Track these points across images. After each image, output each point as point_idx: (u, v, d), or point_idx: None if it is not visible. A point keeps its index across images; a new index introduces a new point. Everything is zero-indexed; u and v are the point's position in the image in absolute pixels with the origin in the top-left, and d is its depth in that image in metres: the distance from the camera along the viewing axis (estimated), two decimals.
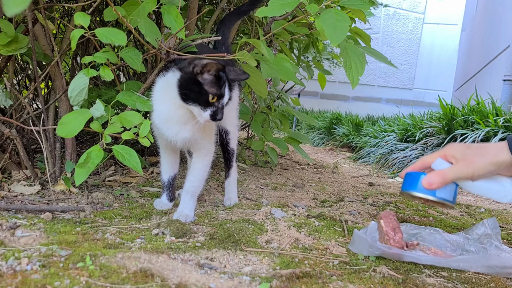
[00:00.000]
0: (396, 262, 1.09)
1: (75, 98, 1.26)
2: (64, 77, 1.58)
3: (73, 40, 1.18)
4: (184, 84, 1.21)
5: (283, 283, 0.90)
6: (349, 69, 1.35)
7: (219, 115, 1.21)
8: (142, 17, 1.28)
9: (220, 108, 1.21)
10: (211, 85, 1.19)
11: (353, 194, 2.00)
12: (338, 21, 1.16)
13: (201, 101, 1.19)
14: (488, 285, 0.99)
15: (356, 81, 1.36)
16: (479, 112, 2.83)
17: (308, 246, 1.17)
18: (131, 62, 1.32)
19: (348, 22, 1.17)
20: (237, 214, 1.43)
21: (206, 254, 1.04)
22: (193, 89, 1.19)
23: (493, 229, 1.21)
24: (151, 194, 1.61)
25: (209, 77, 1.19)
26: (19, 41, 1.37)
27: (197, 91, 1.19)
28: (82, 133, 2.32)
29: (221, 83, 1.20)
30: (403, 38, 8.12)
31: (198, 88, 1.19)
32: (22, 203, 1.33)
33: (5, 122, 1.53)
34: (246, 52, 1.29)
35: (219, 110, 1.21)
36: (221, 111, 1.21)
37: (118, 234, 1.13)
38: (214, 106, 1.20)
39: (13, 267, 0.84)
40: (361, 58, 1.36)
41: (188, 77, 1.20)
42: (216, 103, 1.20)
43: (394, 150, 3.25)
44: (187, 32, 1.44)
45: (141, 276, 0.85)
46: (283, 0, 1.20)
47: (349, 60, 1.35)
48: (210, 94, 1.18)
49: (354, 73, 1.36)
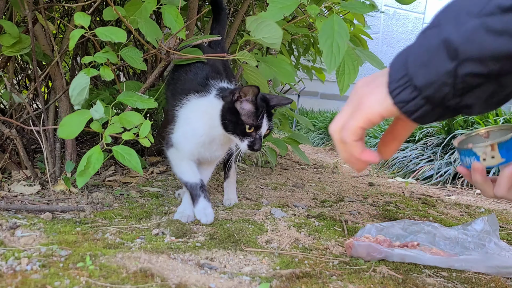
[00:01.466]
0: (396, 262, 1.09)
1: (76, 98, 1.26)
2: (64, 77, 1.59)
3: (72, 40, 1.18)
4: (225, 114, 1.23)
5: (283, 283, 0.90)
6: (341, 74, 1.27)
7: (256, 146, 1.22)
8: (144, 17, 1.28)
9: (257, 138, 1.22)
10: (248, 115, 1.20)
11: (353, 194, 2.00)
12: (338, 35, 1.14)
13: (239, 132, 1.21)
14: (488, 285, 0.99)
15: (346, 87, 1.29)
16: None
17: (308, 246, 1.17)
18: (131, 61, 1.32)
19: (347, 37, 1.15)
20: (237, 214, 1.43)
21: (206, 254, 1.04)
22: (232, 119, 1.21)
23: (492, 226, 1.21)
24: (151, 194, 1.61)
25: (247, 105, 1.20)
26: (23, 41, 1.37)
27: (235, 121, 1.21)
28: (82, 133, 2.32)
29: (258, 113, 1.20)
30: (403, 38, 8.11)
31: (236, 118, 1.21)
32: (22, 203, 1.33)
33: (5, 122, 1.53)
34: (246, 52, 1.29)
35: (257, 140, 1.22)
36: (259, 141, 1.22)
37: (118, 234, 1.13)
38: (251, 136, 1.22)
39: (13, 267, 0.84)
40: (356, 64, 1.31)
41: (228, 107, 1.22)
42: (253, 134, 1.22)
43: None
44: (187, 32, 1.44)
45: (141, 276, 0.85)
46: (281, 4, 1.20)
47: (343, 64, 1.27)
48: (246, 124, 1.20)
49: (345, 79, 1.29)
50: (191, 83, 1.36)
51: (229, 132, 1.23)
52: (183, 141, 1.33)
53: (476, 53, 0.51)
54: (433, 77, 0.54)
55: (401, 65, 0.58)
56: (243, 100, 1.20)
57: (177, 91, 1.39)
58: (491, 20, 0.50)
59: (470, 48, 0.51)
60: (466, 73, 0.52)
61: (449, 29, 0.53)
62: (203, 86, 1.32)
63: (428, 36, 0.56)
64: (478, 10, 0.51)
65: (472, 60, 0.52)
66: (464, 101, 0.55)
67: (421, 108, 0.57)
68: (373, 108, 0.61)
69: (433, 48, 0.54)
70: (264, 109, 1.22)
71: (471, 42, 0.51)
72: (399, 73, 0.58)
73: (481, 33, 0.50)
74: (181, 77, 1.43)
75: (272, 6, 1.19)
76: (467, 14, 0.51)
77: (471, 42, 0.51)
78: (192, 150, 1.33)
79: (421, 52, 0.56)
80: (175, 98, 1.37)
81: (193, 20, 1.80)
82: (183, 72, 1.43)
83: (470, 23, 0.51)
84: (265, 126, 1.23)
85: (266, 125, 1.23)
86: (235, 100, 1.20)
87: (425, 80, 0.55)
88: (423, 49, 0.56)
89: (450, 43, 0.52)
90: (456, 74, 0.53)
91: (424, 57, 0.55)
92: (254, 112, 1.20)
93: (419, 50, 0.57)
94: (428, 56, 0.55)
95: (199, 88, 1.32)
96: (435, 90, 0.55)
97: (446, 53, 0.53)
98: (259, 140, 1.22)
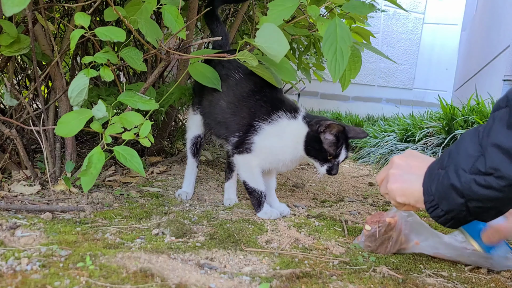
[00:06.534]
0: (396, 262, 1.09)
1: (75, 99, 1.26)
2: (64, 77, 1.58)
3: (73, 40, 1.18)
4: (308, 140, 1.36)
5: (283, 283, 0.90)
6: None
7: (334, 171, 1.37)
8: (144, 17, 1.28)
9: (335, 165, 1.37)
10: (330, 145, 1.34)
11: (353, 194, 2.00)
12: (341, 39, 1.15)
13: (320, 157, 1.37)
14: (488, 285, 1.00)
15: (347, 84, 1.35)
16: (479, 112, 2.83)
17: (308, 246, 1.17)
18: (131, 62, 1.32)
19: (350, 41, 1.17)
20: (237, 214, 1.43)
21: (206, 254, 1.04)
22: (315, 147, 1.36)
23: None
24: (151, 194, 1.61)
25: (330, 137, 1.34)
26: (21, 41, 1.37)
27: (318, 148, 1.35)
28: (82, 133, 2.32)
29: (339, 144, 1.34)
30: (403, 38, 8.11)
31: (319, 146, 1.35)
32: (22, 203, 1.33)
33: (5, 122, 1.53)
34: (247, 51, 1.29)
35: (335, 166, 1.37)
36: (337, 167, 1.38)
37: (118, 234, 1.13)
38: (330, 162, 1.36)
39: (13, 267, 0.84)
40: (357, 60, 1.34)
41: (313, 135, 1.35)
42: (332, 160, 1.36)
43: (394, 150, 3.25)
44: (187, 32, 1.44)
45: (141, 276, 0.85)
46: (281, 6, 1.20)
47: None
48: (328, 153, 1.34)
49: (347, 76, 1.34)
50: (281, 101, 1.44)
51: (311, 156, 1.38)
52: (267, 154, 1.42)
53: (475, 197, 0.75)
54: (452, 207, 0.80)
55: (429, 189, 0.84)
56: (326, 132, 1.33)
57: (260, 104, 1.42)
58: (477, 177, 0.73)
59: (471, 194, 0.75)
60: (474, 206, 0.76)
61: (453, 177, 0.77)
62: (293, 108, 1.42)
63: (440, 175, 0.81)
64: (468, 168, 0.74)
65: (474, 200, 0.75)
66: (479, 217, 0.80)
67: (449, 222, 0.83)
68: (410, 200, 0.91)
69: (446, 187, 0.79)
70: (344, 141, 1.35)
71: (470, 190, 0.74)
72: (430, 197, 0.84)
73: (474, 185, 0.74)
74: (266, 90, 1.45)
75: (272, 9, 1.19)
76: (462, 170, 0.75)
77: (470, 190, 0.74)
78: (272, 163, 1.44)
79: (439, 186, 0.81)
80: (257, 109, 1.41)
81: (193, 20, 1.80)
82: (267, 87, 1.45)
83: (466, 177, 0.75)
84: (343, 155, 1.37)
85: (344, 154, 1.37)
86: (320, 131, 1.34)
87: (447, 208, 0.81)
88: (440, 184, 0.81)
89: (456, 188, 0.77)
90: (467, 206, 0.77)
91: (442, 192, 0.80)
92: (335, 143, 1.34)
93: (437, 184, 0.81)
94: (444, 192, 0.79)
95: (290, 109, 1.41)
96: (456, 213, 0.80)
97: (456, 193, 0.77)
98: (336, 166, 1.37)
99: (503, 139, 0.70)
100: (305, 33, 1.75)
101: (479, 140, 0.74)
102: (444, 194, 0.79)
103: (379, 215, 1.16)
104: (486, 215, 0.79)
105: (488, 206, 0.75)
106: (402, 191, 0.91)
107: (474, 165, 0.73)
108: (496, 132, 0.71)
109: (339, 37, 1.16)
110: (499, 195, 0.72)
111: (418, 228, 1.15)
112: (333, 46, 1.16)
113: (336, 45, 1.16)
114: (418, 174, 0.88)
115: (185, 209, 1.46)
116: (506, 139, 0.69)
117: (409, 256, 1.15)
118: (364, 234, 1.17)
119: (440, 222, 0.84)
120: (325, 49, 1.17)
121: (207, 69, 1.43)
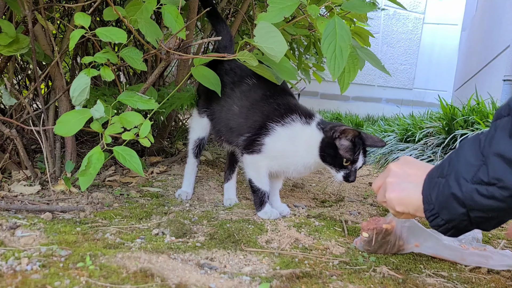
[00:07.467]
0: (396, 262, 1.09)
1: (77, 98, 1.26)
2: (64, 77, 1.58)
3: (73, 40, 1.17)
4: (323, 147, 1.33)
5: (283, 283, 0.90)
6: (341, 73, 1.30)
7: (351, 178, 1.33)
8: (144, 17, 1.28)
9: (353, 171, 1.33)
10: (346, 150, 1.31)
11: (353, 194, 2.00)
12: (340, 38, 1.15)
13: (336, 164, 1.33)
14: (488, 285, 0.99)
15: (346, 86, 1.33)
16: (479, 112, 2.82)
17: (308, 246, 1.17)
18: (131, 62, 1.32)
19: (349, 40, 1.16)
20: (237, 214, 1.43)
21: (206, 254, 1.04)
22: (330, 153, 1.32)
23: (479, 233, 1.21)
24: (151, 194, 1.61)
25: (346, 142, 1.31)
26: (20, 41, 1.37)
27: (333, 155, 1.32)
28: (82, 133, 2.32)
29: (356, 149, 1.31)
30: (403, 38, 8.11)
31: (335, 152, 1.31)
32: (22, 203, 1.33)
33: (5, 122, 1.53)
34: (246, 51, 1.29)
35: (352, 173, 1.33)
36: (354, 174, 1.33)
37: (118, 234, 1.13)
38: (347, 169, 1.33)
39: (13, 267, 0.84)
40: (356, 62, 1.33)
41: (327, 141, 1.33)
42: (349, 167, 1.32)
43: (394, 150, 3.25)
44: (187, 32, 1.44)
45: (141, 276, 0.85)
46: (281, 4, 1.20)
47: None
48: (344, 159, 1.30)
49: (345, 77, 1.32)
50: (295, 106, 1.42)
51: (326, 163, 1.35)
52: (277, 157, 1.40)
53: (477, 207, 0.73)
54: (453, 216, 0.77)
55: (429, 198, 0.81)
56: (342, 137, 1.31)
57: (273, 107, 1.42)
58: (480, 187, 0.71)
59: (473, 204, 0.73)
60: (475, 216, 0.74)
61: (454, 186, 0.75)
62: (308, 114, 1.40)
63: (440, 183, 0.79)
64: (470, 177, 0.72)
65: (476, 210, 0.73)
66: (481, 227, 0.78)
67: (450, 231, 0.81)
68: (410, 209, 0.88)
69: (446, 196, 0.76)
70: (361, 146, 1.32)
71: (472, 200, 0.72)
72: (430, 205, 0.81)
73: (476, 195, 0.71)
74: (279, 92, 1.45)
75: (272, 7, 1.19)
76: (464, 179, 0.73)
77: (472, 200, 0.72)
78: (281, 166, 1.42)
79: (439, 195, 0.78)
80: (271, 111, 1.40)
81: (193, 20, 1.79)
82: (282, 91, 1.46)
83: (467, 186, 0.72)
84: (361, 161, 1.33)
85: (362, 160, 1.33)
86: (336, 137, 1.31)
87: (448, 217, 0.78)
88: (440, 193, 0.78)
89: (457, 198, 0.74)
90: (469, 215, 0.75)
91: (442, 201, 0.78)
92: (352, 148, 1.31)
93: (438, 193, 0.79)
94: (445, 201, 0.77)
95: (305, 113, 1.40)
96: (457, 223, 0.78)
97: (457, 203, 0.75)
98: (354, 173, 1.33)
99: (506, 149, 0.68)
100: (305, 33, 1.75)
101: (481, 149, 0.73)
102: (445, 203, 0.78)
103: (375, 221, 1.15)
104: (488, 225, 0.78)
105: (490, 216, 0.74)
106: (401, 200, 0.89)
107: (476, 175, 0.72)
108: (498, 141, 0.70)
109: (338, 35, 1.16)
110: (501, 206, 0.70)
111: (417, 231, 1.14)
112: (332, 44, 1.16)
113: (335, 43, 1.16)
114: (416, 182, 0.86)
115: (185, 209, 1.46)
116: (509, 149, 0.68)
117: (409, 256, 1.15)
118: (361, 239, 1.17)
119: (440, 231, 0.83)
120: (324, 47, 1.16)
121: (209, 72, 1.43)
